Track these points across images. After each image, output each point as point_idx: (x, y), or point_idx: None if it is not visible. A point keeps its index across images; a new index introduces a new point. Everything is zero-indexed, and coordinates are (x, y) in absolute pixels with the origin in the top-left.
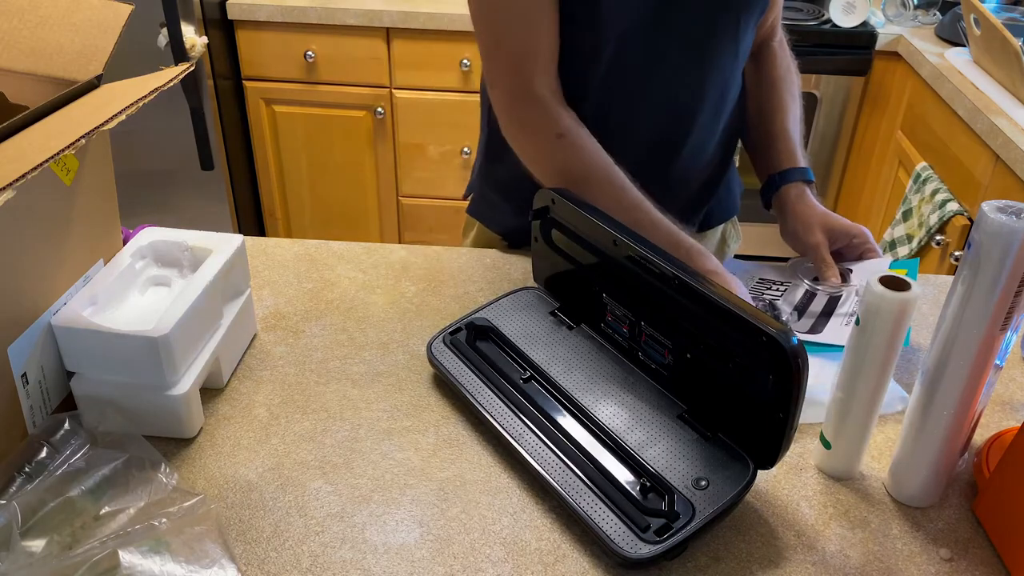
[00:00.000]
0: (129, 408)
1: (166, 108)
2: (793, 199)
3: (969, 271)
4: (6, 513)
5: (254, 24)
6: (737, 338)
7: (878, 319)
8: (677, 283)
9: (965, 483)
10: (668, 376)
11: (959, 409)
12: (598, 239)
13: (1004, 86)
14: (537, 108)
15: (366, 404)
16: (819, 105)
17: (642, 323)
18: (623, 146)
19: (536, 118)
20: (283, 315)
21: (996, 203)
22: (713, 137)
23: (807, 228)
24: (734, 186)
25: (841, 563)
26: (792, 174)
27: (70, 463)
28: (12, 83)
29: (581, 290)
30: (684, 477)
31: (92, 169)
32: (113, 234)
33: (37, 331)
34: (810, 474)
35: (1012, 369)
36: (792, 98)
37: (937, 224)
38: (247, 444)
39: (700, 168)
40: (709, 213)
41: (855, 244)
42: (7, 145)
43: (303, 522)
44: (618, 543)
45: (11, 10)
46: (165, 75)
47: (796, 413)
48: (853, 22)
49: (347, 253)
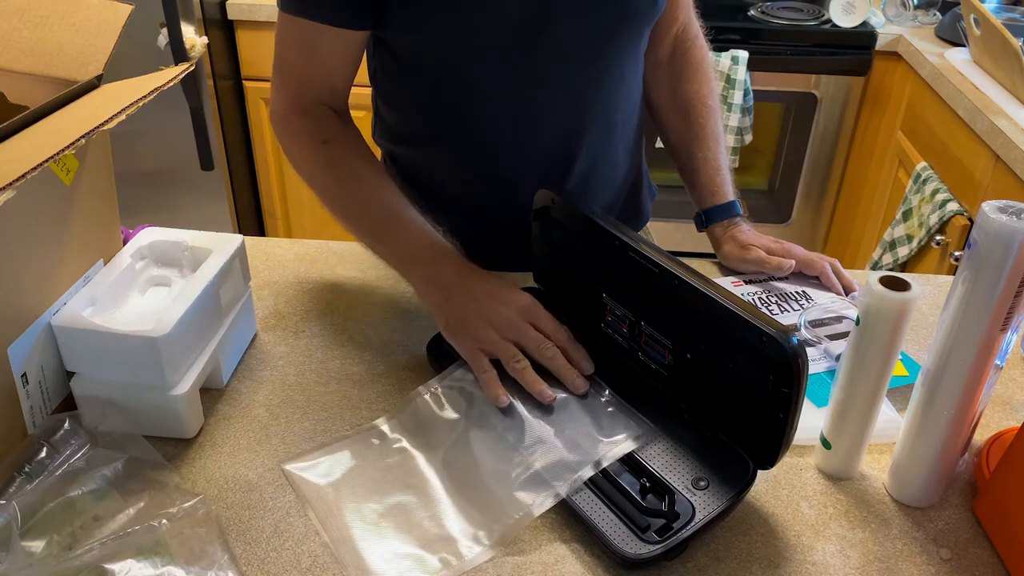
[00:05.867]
0: (129, 408)
1: (166, 108)
2: (721, 236)
3: (969, 271)
4: (6, 513)
5: (254, 24)
6: (737, 338)
7: (878, 319)
8: (677, 283)
9: (965, 483)
10: (668, 376)
11: (959, 409)
12: (598, 239)
13: (1004, 86)
14: (308, 119)
15: (366, 404)
16: (819, 105)
17: (642, 323)
18: (516, 169)
19: (304, 126)
20: (283, 315)
21: (996, 203)
22: (608, 156)
23: (744, 248)
24: (645, 196)
25: (841, 563)
26: (716, 213)
27: (70, 463)
28: (12, 83)
29: (581, 290)
30: (684, 477)
31: (92, 169)
32: (113, 234)
33: (37, 331)
34: (810, 474)
35: (1012, 369)
36: (709, 113)
37: (937, 224)
38: (247, 444)
39: (600, 185)
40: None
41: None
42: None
43: (303, 522)
44: (618, 543)
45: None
46: (165, 75)
47: (796, 413)
48: (853, 22)
49: (347, 253)
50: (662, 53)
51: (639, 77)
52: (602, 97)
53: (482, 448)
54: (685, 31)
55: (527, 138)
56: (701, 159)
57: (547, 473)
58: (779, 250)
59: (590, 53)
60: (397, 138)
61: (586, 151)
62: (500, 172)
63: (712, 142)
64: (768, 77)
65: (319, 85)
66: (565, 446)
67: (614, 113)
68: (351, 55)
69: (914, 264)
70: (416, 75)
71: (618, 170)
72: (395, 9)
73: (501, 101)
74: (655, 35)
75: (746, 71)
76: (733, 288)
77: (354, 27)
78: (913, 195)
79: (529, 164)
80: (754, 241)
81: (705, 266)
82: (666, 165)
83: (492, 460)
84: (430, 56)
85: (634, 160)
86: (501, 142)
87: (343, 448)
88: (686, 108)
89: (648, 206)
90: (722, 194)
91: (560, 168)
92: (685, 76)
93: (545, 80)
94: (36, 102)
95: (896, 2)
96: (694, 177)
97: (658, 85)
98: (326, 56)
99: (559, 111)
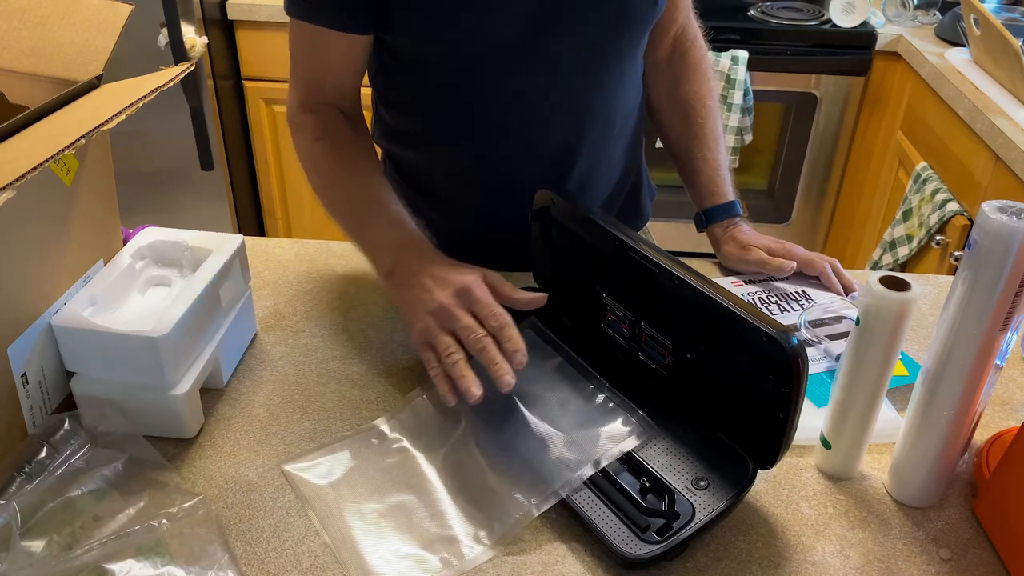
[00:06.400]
0: (129, 408)
1: (166, 108)
2: (721, 236)
3: (969, 271)
4: (6, 513)
5: (254, 24)
6: (737, 338)
7: (878, 319)
8: (677, 283)
9: (965, 483)
10: (668, 376)
11: (959, 409)
12: (598, 239)
13: (1004, 86)
14: (315, 118)
15: (366, 404)
16: (819, 105)
17: (642, 323)
18: (515, 170)
19: (308, 124)
20: (283, 315)
21: (996, 203)
22: (608, 156)
23: (744, 248)
24: (644, 196)
25: (841, 563)
26: (716, 213)
27: (70, 463)
28: (12, 83)
29: (581, 290)
30: (684, 477)
31: (92, 169)
32: (113, 234)
33: (37, 331)
34: (810, 474)
35: (1012, 369)
36: (709, 113)
37: (937, 224)
38: (247, 444)
39: (600, 185)
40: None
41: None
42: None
43: (303, 522)
44: (618, 543)
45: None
46: (165, 75)
47: (796, 413)
48: (853, 22)
49: (347, 253)
50: (661, 54)
51: (638, 78)
52: (602, 98)
53: (482, 448)
54: (684, 32)
55: (527, 139)
56: (701, 159)
57: (547, 473)
58: (779, 250)
59: (590, 55)
60: (397, 139)
61: (586, 152)
62: (500, 173)
63: (712, 142)
64: (768, 77)
65: (326, 86)
66: (565, 445)
67: (614, 114)
68: (356, 58)
69: (914, 264)
70: (416, 77)
71: (618, 170)
72: (397, 12)
73: (501, 103)
74: (654, 36)
75: (746, 71)
76: (733, 288)
77: (357, 31)
78: (913, 195)
79: (529, 165)
80: (754, 241)
81: (705, 266)
82: (666, 165)
83: (492, 460)
84: (430, 58)
85: (634, 160)
86: (501, 143)
87: (343, 448)
88: (686, 108)
89: (648, 206)
90: (722, 194)
91: (560, 169)
92: (685, 77)
93: (545, 82)
94: (36, 102)
95: (896, 2)
96: (694, 177)
97: (658, 86)
98: (331, 59)
99: (559, 113)
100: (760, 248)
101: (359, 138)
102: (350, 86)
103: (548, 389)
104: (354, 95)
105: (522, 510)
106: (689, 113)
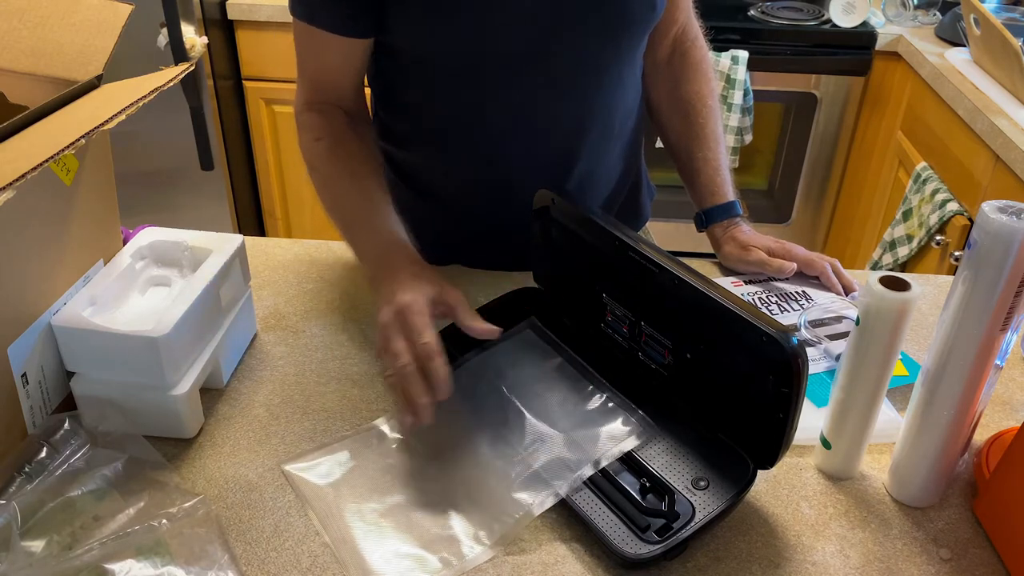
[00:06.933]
0: (129, 408)
1: (166, 108)
2: (721, 236)
3: (969, 271)
4: (6, 513)
5: (254, 24)
6: (737, 338)
7: (878, 319)
8: (677, 283)
9: (965, 483)
10: (668, 376)
11: (959, 409)
12: (598, 239)
13: (1004, 86)
14: (317, 117)
15: (366, 404)
16: (819, 105)
17: (642, 323)
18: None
19: (310, 123)
20: (283, 315)
21: (996, 203)
22: (607, 156)
23: (745, 249)
24: (644, 196)
25: (841, 563)
26: (716, 213)
27: (70, 463)
28: (12, 83)
29: (581, 290)
30: (684, 477)
31: (92, 169)
32: (113, 234)
33: (37, 331)
34: (810, 474)
35: (1012, 369)
36: (709, 113)
37: (937, 224)
38: (247, 444)
39: (600, 185)
40: None
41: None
42: (7, 145)
43: (303, 522)
44: (618, 543)
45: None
46: (165, 75)
47: (796, 413)
48: (853, 22)
49: (347, 253)
50: (662, 54)
51: (638, 78)
52: (601, 99)
53: (482, 448)
54: (685, 32)
55: (527, 141)
56: (701, 159)
57: (547, 472)
58: (779, 250)
59: (590, 57)
60: (396, 140)
61: (585, 152)
62: (499, 174)
63: (712, 142)
64: (768, 77)
65: (328, 87)
66: (565, 445)
67: (613, 114)
68: (357, 60)
69: (914, 264)
70: (415, 78)
71: (617, 170)
72: (395, 15)
73: (500, 105)
74: (655, 36)
75: (746, 71)
76: (733, 288)
77: (356, 35)
78: (913, 195)
79: (528, 166)
80: (754, 241)
81: (705, 266)
82: (666, 165)
83: (492, 460)
84: (429, 60)
85: (633, 160)
86: (500, 145)
87: (343, 448)
88: (686, 109)
89: (647, 206)
90: (722, 194)
91: (559, 169)
92: (685, 77)
93: (544, 84)
94: (36, 102)
95: (896, 2)
96: (694, 177)
97: (658, 86)
98: (332, 61)
99: (559, 114)
100: (760, 248)
101: (359, 139)
102: (350, 87)
103: (548, 389)
104: (354, 96)
105: (522, 510)
106: (689, 113)
